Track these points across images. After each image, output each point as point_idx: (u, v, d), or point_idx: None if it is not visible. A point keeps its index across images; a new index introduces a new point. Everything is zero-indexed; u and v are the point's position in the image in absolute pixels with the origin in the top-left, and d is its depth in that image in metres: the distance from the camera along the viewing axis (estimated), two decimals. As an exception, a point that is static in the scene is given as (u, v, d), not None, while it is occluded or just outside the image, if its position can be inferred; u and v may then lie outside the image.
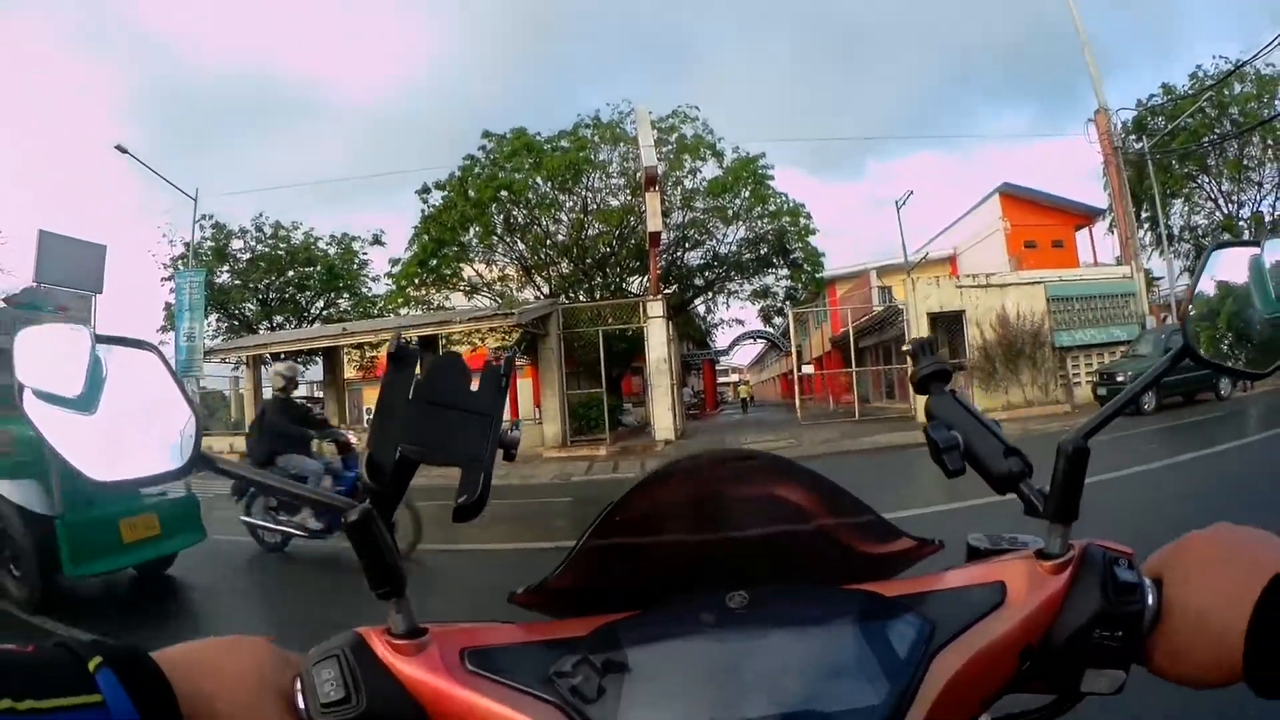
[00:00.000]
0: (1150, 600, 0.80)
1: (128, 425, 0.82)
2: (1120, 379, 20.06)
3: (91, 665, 0.63)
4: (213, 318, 34.54)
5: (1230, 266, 0.90)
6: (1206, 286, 0.91)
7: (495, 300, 28.77)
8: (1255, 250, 0.89)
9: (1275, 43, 23.00)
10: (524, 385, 29.48)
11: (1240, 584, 0.71)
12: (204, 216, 34.31)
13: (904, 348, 23.66)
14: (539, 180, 27.84)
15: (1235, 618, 0.69)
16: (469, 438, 0.93)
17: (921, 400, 1.16)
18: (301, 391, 36.04)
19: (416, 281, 30.16)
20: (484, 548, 8.61)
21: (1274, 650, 0.67)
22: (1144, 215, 30.45)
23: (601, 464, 19.59)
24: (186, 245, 33.51)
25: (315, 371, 33.23)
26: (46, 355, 0.81)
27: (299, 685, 0.78)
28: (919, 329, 23.70)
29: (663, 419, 23.24)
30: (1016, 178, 35.95)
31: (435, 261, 29.36)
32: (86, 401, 0.79)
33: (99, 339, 0.81)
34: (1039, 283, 24.78)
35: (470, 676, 0.82)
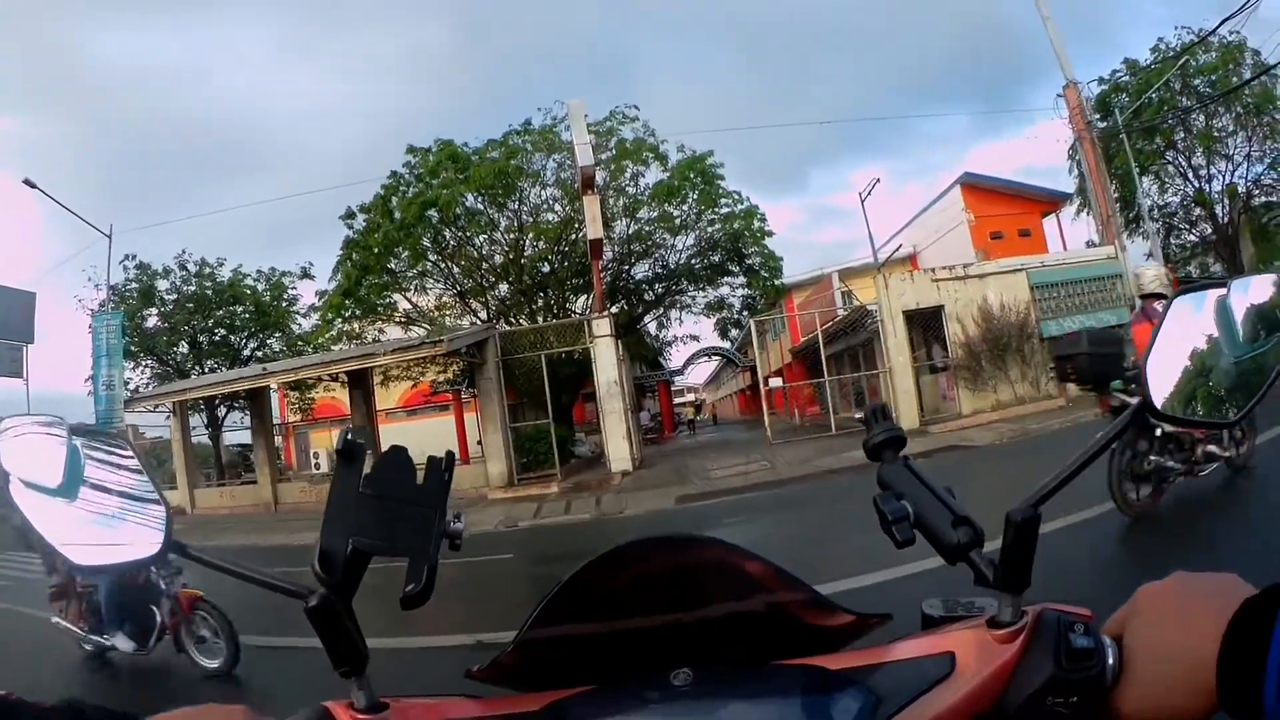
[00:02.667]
0: (1110, 660, 0.78)
1: (105, 513, 0.88)
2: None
3: None
4: (148, 363, 32.03)
5: (1195, 311, 0.88)
6: (1170, 333, 0.87)
7: (427, 330, 25.31)
8: (1221, 291, 0.87)
9: (1240, 9, 21.06)
10: (444, 425, 26.34)
11: (1206, 620, 0.70)
12: (128, 256, 31.46)
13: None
14: (468, 195, 24.56)
15: (1205, 650, 0.68)
16: (415, 529, 0.95)
17: (905, 408, 2.12)
18: (234, 439, 33.17)
19: (344, 314, 26.81)
20: (405, 644, 6.19)
21: (1247, 673, 0.65)
22: (1113, 196, 27.44)
23: (552, 503, 17.08)
24: (111, 288, 30.36)
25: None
26: (28, 446, 0.87)
27: None
28: (895, 330, 21.34)
29: (618, 448, 20.43)
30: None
31: (363, 290, 26.10)
32: (67, 490, 0.86)
33: (74, 430, 0.89)
34: (1020, 270, 22.41)
35: None
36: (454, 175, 24.52)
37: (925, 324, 22.69)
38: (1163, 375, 0.87)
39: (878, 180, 27.80)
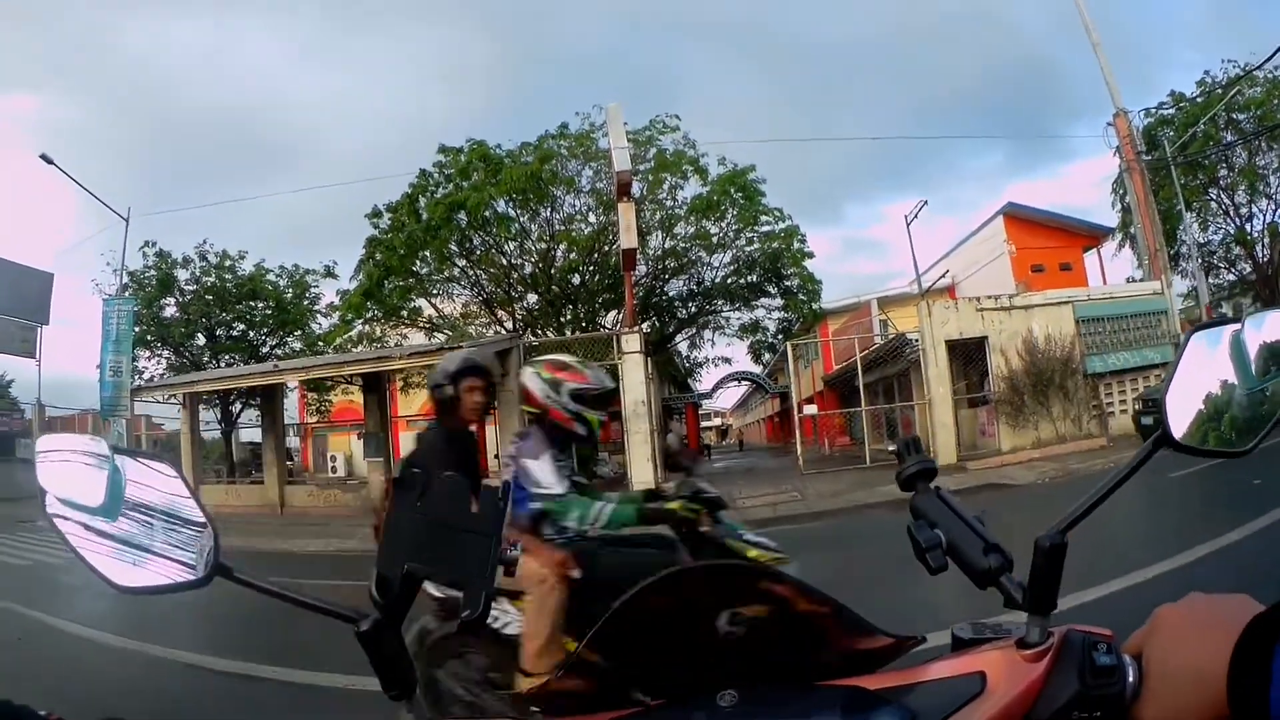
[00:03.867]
0: (1131, 678, 0.81)
1: (147, 534, 0.87)
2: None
3: None
4: (164, 354, 31.06)
5: (1211, 346, 0.90)
6: (1188, 368, 0.90)
7: (448, 336, 24.22)
8: (1235, 327, 0.89)
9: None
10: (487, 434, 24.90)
11: (1217, 639, 0.72)
12: (147, 243, 30.36)
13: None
14: (498, 198, 23.37)
15: (1216, 666, 0.70)
16: (470, 556, 0.95)
17: (943, 443, 2.64)
18: (252, 437, 32.19)
19: (365, 316, 25.70)
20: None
21: (1255, 687, 0.67)
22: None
23: None
24: (130, 274, 29.69)
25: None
26: (67, 463, 0.85)
27: None
28: (936, 359, 20.13)
29: (641, 471, 19.31)
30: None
31: (385, 292, 25.00)
32: (108, 510, 0.85)
33: (116, 450, 0.87)
34: (1067, 303, 21.16)
35: None
36: (485, 177, 23.39)
37: (967, 355, 21.55)
38: (1181, 408, 0.89)
39: (925, 203, 26.92)
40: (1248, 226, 29.21)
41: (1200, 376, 0.90)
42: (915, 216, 26.28)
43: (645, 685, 1.04)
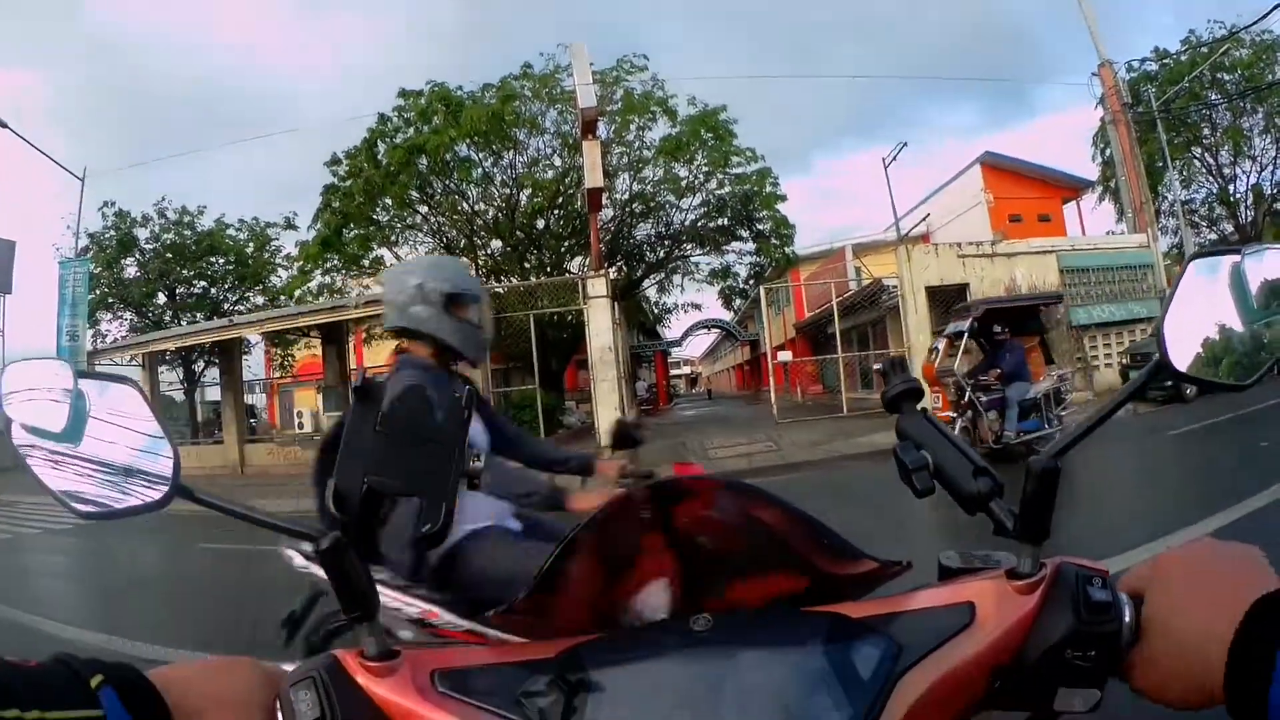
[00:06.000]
0: (1127, 618, 0.78)
1: (110, 458, 0.84)
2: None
3: (94, 683, 0.65)
4: (126, 315, 29.66)
5: (1210, 276, 0.86)
6: (1185, 296, 0.86)
7: None
8: (1235, 258, 0.85)
9: (1276, 8, 19.96)
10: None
11: (1222, 607, 0.69)
12: (106, 203, 29.18)
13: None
14: (459, 141, 21.79)
15: (1216, 643, 0.67)
16: (433, 468, 0.91)
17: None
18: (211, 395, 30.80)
19: (323, 266, 24.20)
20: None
21: (1254, 679, 0.64)
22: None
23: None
24: (90, 236, 28.73)
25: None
26: (31, 390, 0.83)
27: (278, 705, 0.78)
28: (916, 306, 19.04)
29: (609, 420, 17.47)
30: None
31: (344, 241, 23.54)
32: (71, 434, 0.82)
33: (80, 374, 0.84)
34: (1051, 252, 20.25)
35: (441, 698, 0.82)
36: (446, 120, 21.84)
37: (947, 303, 20.06)
38: (1180, 337, 0.84)
39: (904, 144, 25.89)
40: (1230, 188, 28.84)
41: (1198, 306, 0.85)
42: (894, 158, 25.11)
43: (615, 607, 0.98)
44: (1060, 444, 0.87)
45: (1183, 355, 0.84)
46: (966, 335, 12.04)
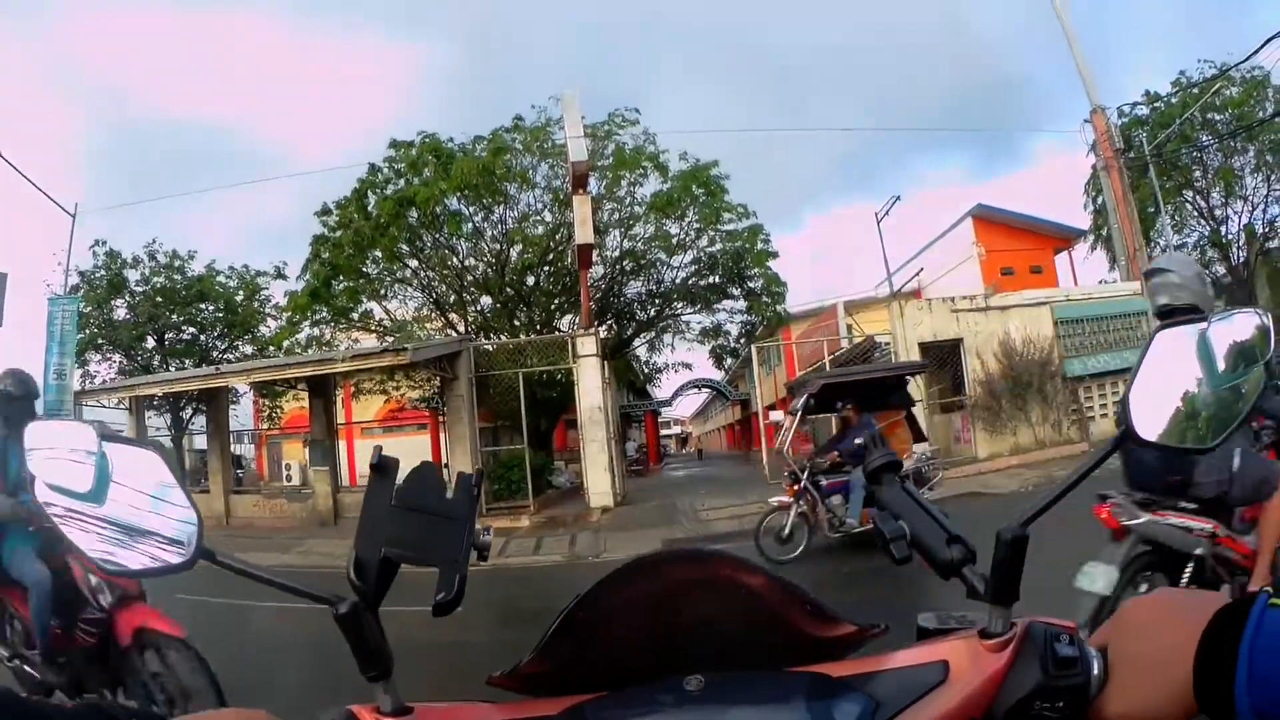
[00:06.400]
0: (1096, 669, 0.81)
1: (133, 520, 0.87)
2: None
3: None
4: (115, 358, 29.02)
5: (1177, 344, 0.90)
6: (1152, 366, 0.91)
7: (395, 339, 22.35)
8: (1202, 326, 0.89)
9: (1265, 44, 18.88)
10: (420, 444, 23.42)
11: (1184, 629, 0.72)
12: (98, 241, 28.67)
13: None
14: (449, 193, 21.51)
15: (1182, 657, 0.70)
16: (445, 540, 0.97)
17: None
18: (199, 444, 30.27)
19: (311, 317, 23.76)
20: None
21: (1220, 681, 0.67)
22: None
23: (521, 540, 14.51)
24: (81, 274, 28.04)
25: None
26: (56, 449, 0.87)
27: None
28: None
29: (599, 481, 17.67)
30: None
31: (333, 293, 23.19)
32: (96, 495, 0.85)
33: (105, 437, 0.87)
34: (1044, 304, 20.00)
35: None
36: (437, 172, 21.61)
37: (941, 358, 20.06)
38: (1146, 404, 0.90)
39: (897, 198, 25.64)
40: (1222, 229, 28.45)
41: (1166, 374, 0.90)
42: (887, 213, 24.76)
43: (613, 670, 1.02)
44: (1029, 512, 0.91)
45: (1149, 423, 0.90)
46: (800, 413, 11.45)
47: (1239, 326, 0.88)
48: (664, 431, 65.43)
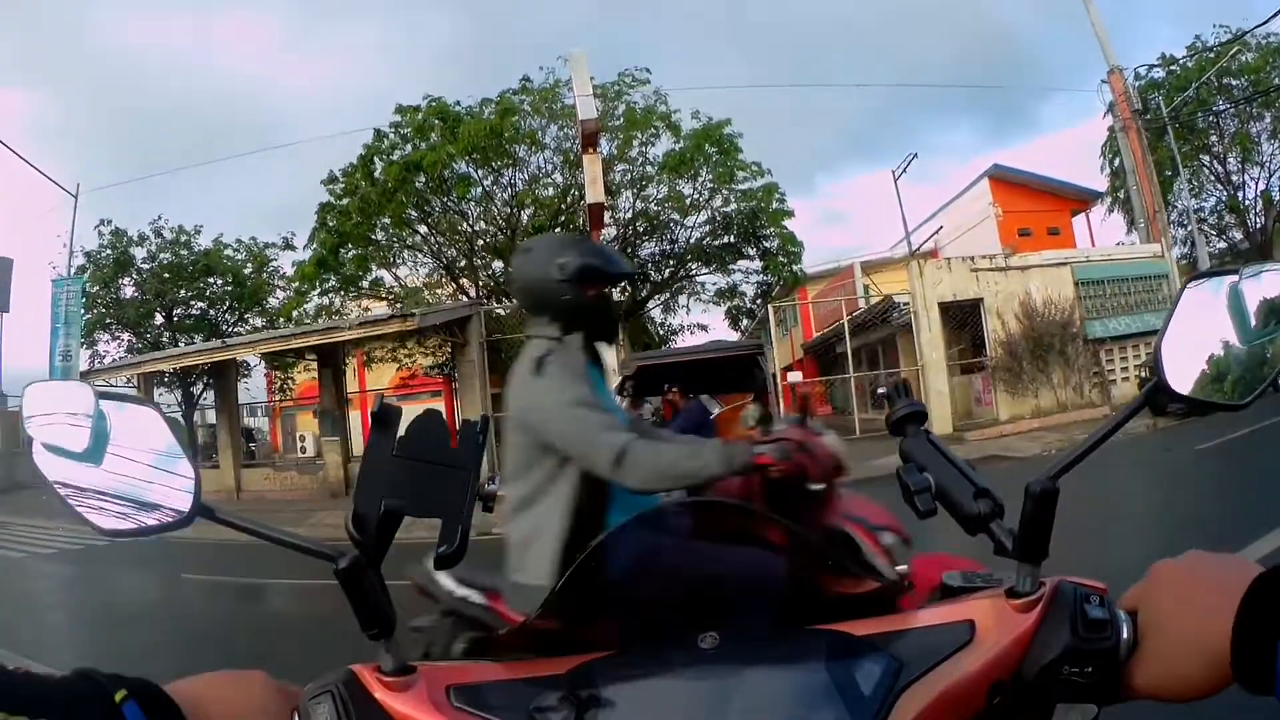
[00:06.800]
0: (1125, 634, 0.78)
1: (131, 478, 0.84)
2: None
3: (118, 697, 0.65)
4: (124, 336, 28.67)
5: (1208, 297, 0.86)
6: (1184, 317, 0.87)
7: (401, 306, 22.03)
8: (1233, 278, 0.85)
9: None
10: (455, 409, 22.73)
11: (1220, 596, 0.69)
12: (103, 221, 28.43)
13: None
14: (457, 156, 20.88)
15: (1220, 625, 0.68)
16: (449, 491, 0.93)
17: (937, 411, 2.22)
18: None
19: (320, 286, 23.27)
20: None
21: (1260, 647, 0.65)
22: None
23: None
24: (87, 254, 27.95)
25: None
26: (53, 410, 0.83)
27: (295, 717, 0.79)
28: (929, 323, 18.45)
29: None
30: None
31: (341, 261, 22.65)
32: (93, 455, 0.82)
33: (101, 395, 0.83)
34: (1065, 264, 19.64)
35: (456, 712, 0.83)
36: (444, 135, 21.03)
37: (961, 319, 19.77)
38: (1177, 358, 0.86)
39: (914, 155, 25.12)
40: (1239, 195, 28.02)
41: (1196, 327, 0.86)
42: (904, 170, 24.25)
43: (624, 627, 0.99)
44: (1059, 464, 0.86)
45: (1181, 376, 0.85)
46: (626, 398, 10.69)
47: (1270, 283, 0.84)
48: (680, 395, 65.02)
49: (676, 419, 9.33)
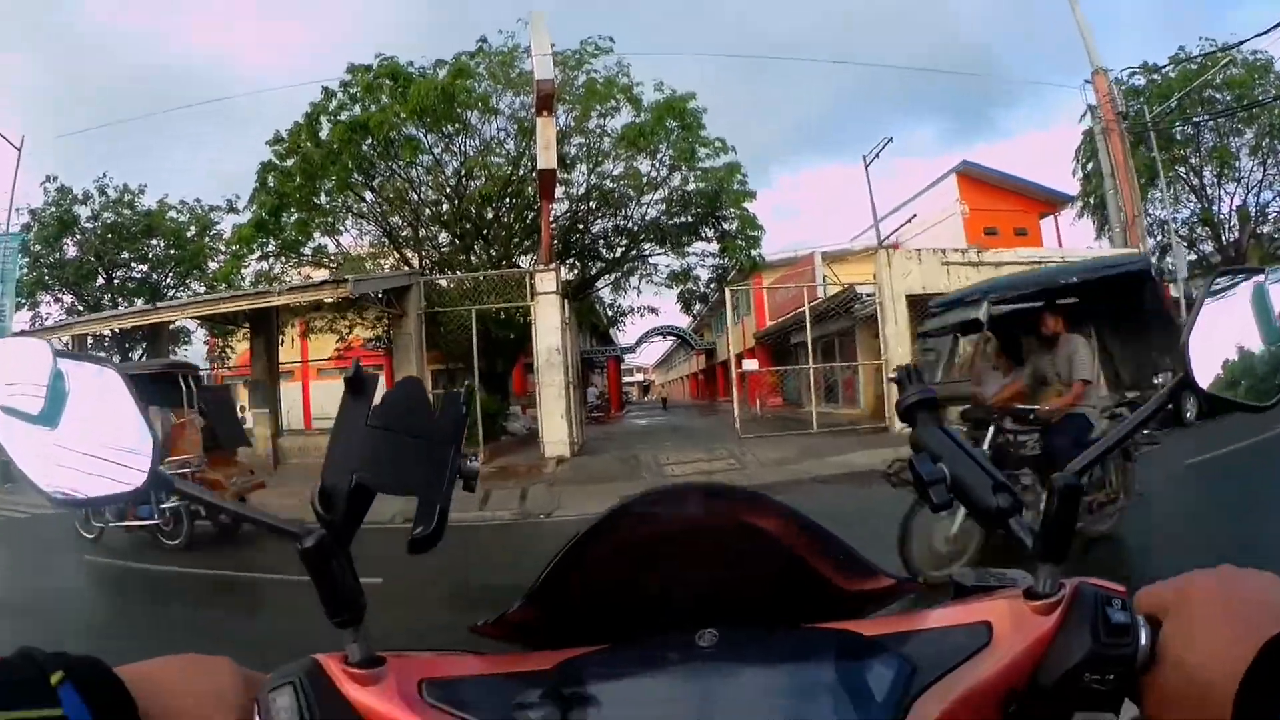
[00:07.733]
0: (1144, 641, 0.73)
1: (88, 443, 0.78)
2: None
3: (54, 678, 0.61)
4: (65, 298, 27.92)
5: (1232, 296, 0.83)
6: (1208, 315, 0.82)
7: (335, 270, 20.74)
8: (1259, 278, 0.83)
9: (1271, 29, 18.95)
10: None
11: (1236, 640, 0.66)
12: (49, 178, 27.33)
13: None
14: (405, 119, 19.56)
15: (1228, 677, 0.64)
16: (427, 467, 0.84)
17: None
18: None
19: (258, 250, 21.80)
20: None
21: (1263, 717, 0.62)
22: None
23: (466, 495, 12.24)
24: (32, 212, 26.66)
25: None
26: (8, 368, 0.79)
27: (256, 709, 0.74)
28: (896, 315, 17.37)
29: (555, 429, 16.06)
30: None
31: (285, 225, 21.29)
32: (48, 417, 0.77)
33: (59, 354, 0.78)
34: (1038, 263, 17.88)
35: (428, 709, 0.77)
36: (394, 96, 19.73)
37: (927, 313, 18.31)
38: (1204, 354, 0.81)
39: (889, 139, 23.81)
40: (1213, 209, 27.91)
41: (1221, 325, 0.82)
42: (877, 155, 22.97)
43: (614, 620, 0.91)
44: (1084, 459, 0.82)
45: (1206, 373, 0.81)
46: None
47: None
48: (626, 379, 64.07)
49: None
